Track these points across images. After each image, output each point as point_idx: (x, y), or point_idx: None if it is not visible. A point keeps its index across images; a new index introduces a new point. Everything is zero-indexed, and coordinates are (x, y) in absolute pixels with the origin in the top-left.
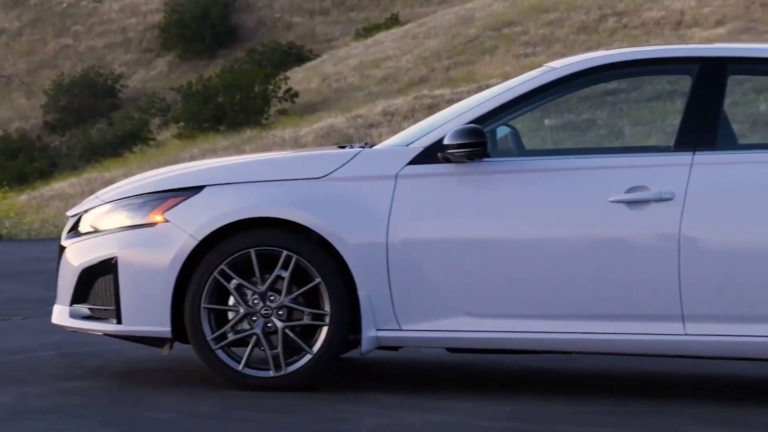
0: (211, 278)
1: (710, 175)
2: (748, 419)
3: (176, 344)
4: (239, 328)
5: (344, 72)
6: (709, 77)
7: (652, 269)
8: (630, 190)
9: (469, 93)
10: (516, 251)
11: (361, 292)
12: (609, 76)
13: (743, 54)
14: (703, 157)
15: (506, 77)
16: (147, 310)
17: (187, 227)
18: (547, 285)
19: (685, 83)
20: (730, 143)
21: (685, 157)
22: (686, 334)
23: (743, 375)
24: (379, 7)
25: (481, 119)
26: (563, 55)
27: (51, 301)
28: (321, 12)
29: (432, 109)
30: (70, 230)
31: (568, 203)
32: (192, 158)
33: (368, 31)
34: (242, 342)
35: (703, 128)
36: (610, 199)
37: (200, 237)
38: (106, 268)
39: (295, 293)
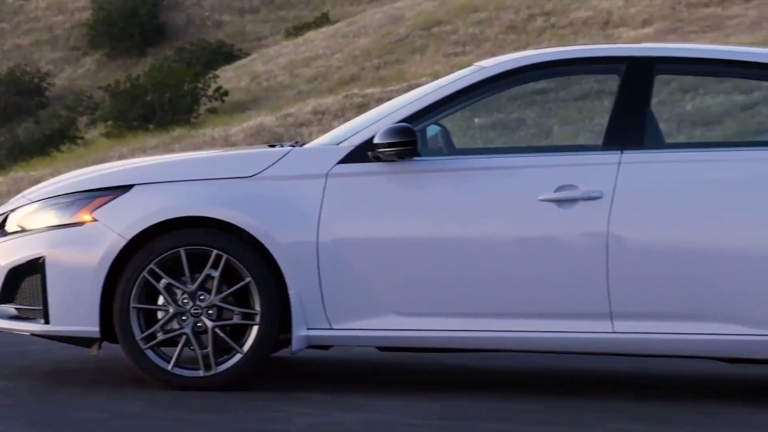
0: (140, 278)
1: (638, 173)
2: (674, 416)
3: (105, 344)
4: (169, 327)
5: (274, 71)
6: (637, 77)
7: (580, 267)
8: (559, 189)
9: (399, 92)
10: (445, 250)
11: (292, 292)
12: (538, 75)
13: (670, 54)
14: (631, 156)
15: (436, 76)
16: (75, 310)
17: (116, 226)
18: (476, 283)
19: (612, 83)
20: (657, 142)
21: (613, 156)
22: (614, 332)
23: (670, 372)
24: (308, 6)
25: (412, 118)
26: (493, 55)
27: None
28: (250, 10)
29: (362, 108)
30: None
31: (497, 202)
32: (120, 157)
33: (298, 29)
34: (172, 342)
35: (631, 127)
36: (539, 197)
37: (129, 236)
38: (34, 267)
39: (225, 292)
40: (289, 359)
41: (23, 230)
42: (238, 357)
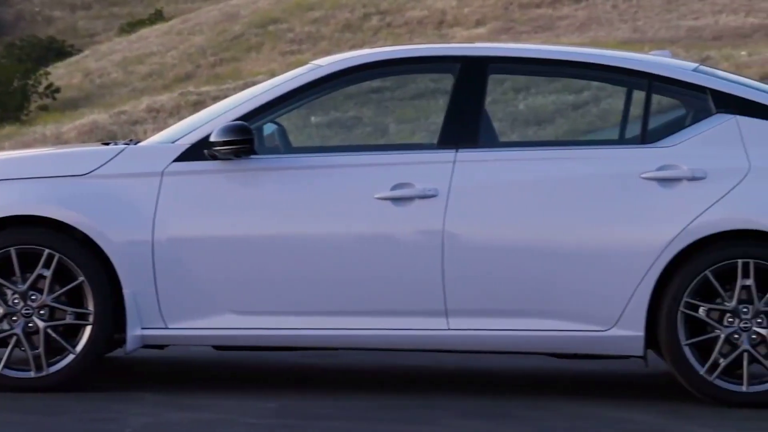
0: None
1: (472, 172)
2: (510, 412)
3: None
4: None
5: (107, 68)
6: (471, 76)
7: (416, 265)
8: (395, 187)
9: (236, 90)
10: (282, 248)
11: (126, 291)
12: (374, 74)
13: (503, 54)
14: (466, 155)
15: (272, 74)
16: None
17: None
18: (313, 281)
19: (447, 82)
20: (491, 141)
21: (448, 155)
22: (450, 329)
23: (506, 368)
24: (142, 3)
25: (248, 116)
26: (329, 53)
27: None
28: (82, 6)
29: (198, 105)
30: None
31: (334, 200)
32: None
33: (132, 26)
34: (2, 342)
35: (465, 126)
36: (375, 195)
37: None
38: None
39: (58, 292)
40: (124, 359)
41: None
42: (70, 357)
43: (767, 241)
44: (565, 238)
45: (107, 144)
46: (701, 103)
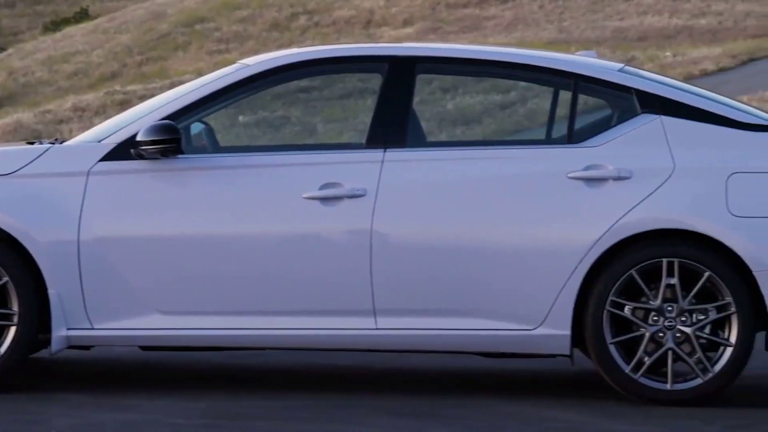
0: None
1: (400, 171)
2: (437, 411)
3: None
4: None
5: (32, 66)
6: (399, 76)
7: (345, 265)
8: (323, 187)
9: (162, 89)
10: (209, 248)
11: (52, 291)
12: (302, 73)
13: (431, 53)
14: (394, 155)
15: (200, 73)
16: None
17: None
18: (240, 281)
19: (375, 82)
20: (420, 141)
21: (376, 155)
22: (378, 329)
23: (433, 368)
24: (67, 1)
25: (175, 115)
26: (256, 52)
27: None
28: (6, 5)
29: (124, 105)
30: None
31: (262, 200)
32: None
33: (57, 24)
34: None
35: (394, 126)
36: (304, 195)
37: None
38: None
39: None
40: (49, 360)
41: None
42: None
43: (691, 240)
44: (493, 238)
45: (32, 143)
46: (627, 103)
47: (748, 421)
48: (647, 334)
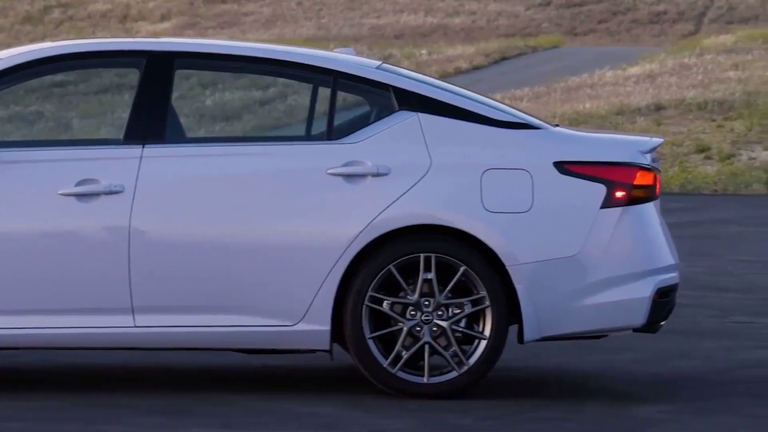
0: None
1: (159, 167)
2: (194, 408)
3: None
4: None
5: None
6: (157, 71)
7: (102, 262)
8: (80, 183)
9: None
10: None
11: None
12: (56, 68)
13: (189, 49)
14: (152, 150)
15: None
16: None
17: None
18: None
19: (133, 77)
20: (179, 136)
21: (134, 150)
22: (136, 326)
23: (191, 365)
24: None
25: None
26: (8, 46)
27: None
28: None
29: None
30: None
31: (16, 197)
32: None
33: None
34: None
35: (152, 121)
36: (59, 192)
37: None
38: None
39: None
40: None
41: None
42: None
43: (448, 236)
44: (252, 234)
45: None
46: (385, 100)
47: (501, 413)
48: (405, 329)
